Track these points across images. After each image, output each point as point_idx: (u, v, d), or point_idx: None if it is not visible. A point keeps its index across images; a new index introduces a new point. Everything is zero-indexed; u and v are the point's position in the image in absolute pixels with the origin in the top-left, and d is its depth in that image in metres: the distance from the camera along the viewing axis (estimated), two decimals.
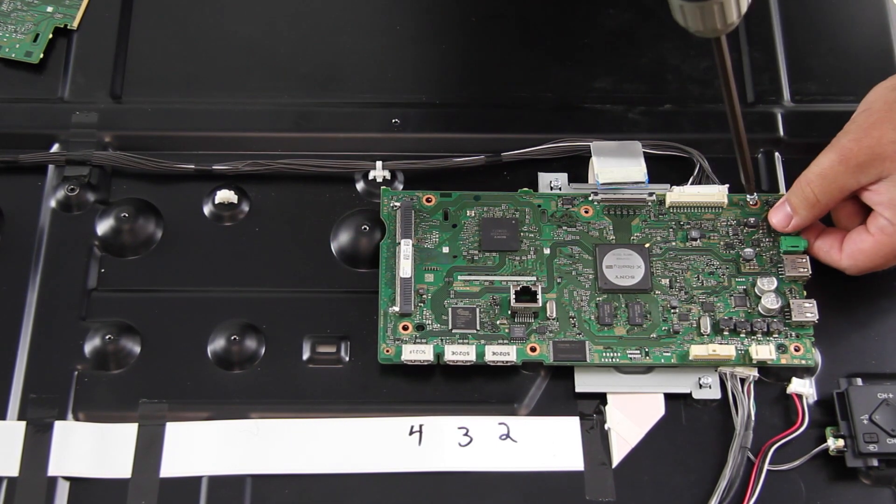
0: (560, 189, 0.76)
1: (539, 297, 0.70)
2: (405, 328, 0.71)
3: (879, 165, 0.69)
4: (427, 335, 0.71)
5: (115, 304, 0.73)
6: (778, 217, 0.73)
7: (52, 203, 0.76)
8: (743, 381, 0.70)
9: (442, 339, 0.71)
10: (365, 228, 0.74)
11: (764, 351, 0.70)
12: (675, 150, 0.78)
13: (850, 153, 0.69)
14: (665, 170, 0.77)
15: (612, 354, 0.70)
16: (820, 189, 0.70)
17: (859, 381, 0.70)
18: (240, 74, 0.81)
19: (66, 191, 0.75)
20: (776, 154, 0.79)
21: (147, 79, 0.81)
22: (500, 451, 0.69)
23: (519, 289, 0.71)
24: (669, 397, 0.70)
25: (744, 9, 0.61)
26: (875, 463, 0.68)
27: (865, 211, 0.71)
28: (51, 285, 0.73)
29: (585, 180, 0.77)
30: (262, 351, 0.72)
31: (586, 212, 0.75)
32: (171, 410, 0.69)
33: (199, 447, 0.68)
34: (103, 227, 0.75)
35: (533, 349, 0.70)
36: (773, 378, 0.71)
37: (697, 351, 0.70)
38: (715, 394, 0.70)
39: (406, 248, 0.72)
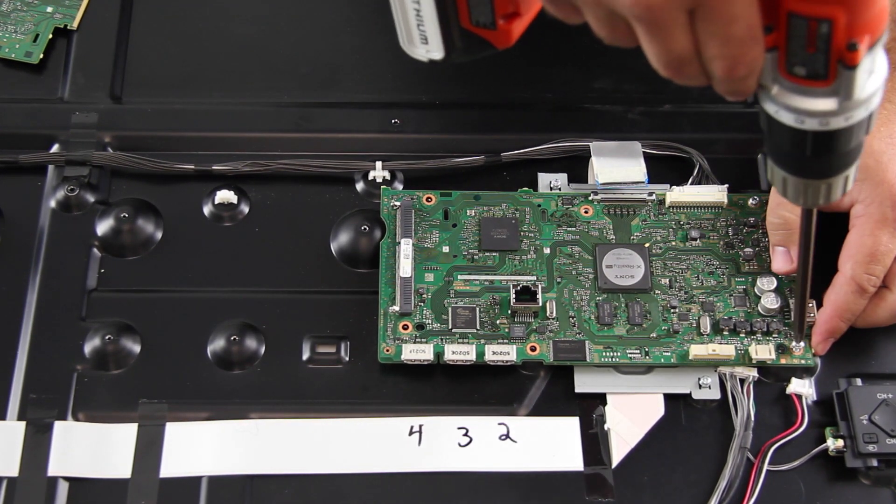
0: (560, 189, 0.76)
1: (539, 296, 0.70)
2: (405, 328, 0.71)
3: None
4: (427, 335, 0.71)
5: (115, 304, 0.73)
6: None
7: (52, 203, 0.76)
8: (742, 381, 0.70)
9: (442, 339, 0.71)
10: (365, 228, 0.74)
11: (763, 351, 0.70)
12: (674, 150, 0.78)
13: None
14: (665, 170, 0.77)
15: (611, 354, 0.70)
16: None
17: (859, 381, 0.70)
18: (239, 74, 0.81)
19: (66, 191, 0.75)
20: None
21: (147, 79, 0.81)
22: (500, 451, 0.69)
23: (519, 288, 0.71)
24: (669, 397, 0.70)
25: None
26: (875, 463, 0.68)
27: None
28: (51, 285, 0.73)
29: (585, 180, 0.77)
30: (262, 351, 0.72)
31: (586, 211, 0.75)
32: (171, 410, 0.69)
33: (198, 447, 0.68)
34: (103, 227, 0.75)
35: (533, 349, 0.70)
36: (772, 378, 0.71)
37: (697, 351, 0.70)
38: (714, 394, 0.70)
39: (406, 247, 0.72)
